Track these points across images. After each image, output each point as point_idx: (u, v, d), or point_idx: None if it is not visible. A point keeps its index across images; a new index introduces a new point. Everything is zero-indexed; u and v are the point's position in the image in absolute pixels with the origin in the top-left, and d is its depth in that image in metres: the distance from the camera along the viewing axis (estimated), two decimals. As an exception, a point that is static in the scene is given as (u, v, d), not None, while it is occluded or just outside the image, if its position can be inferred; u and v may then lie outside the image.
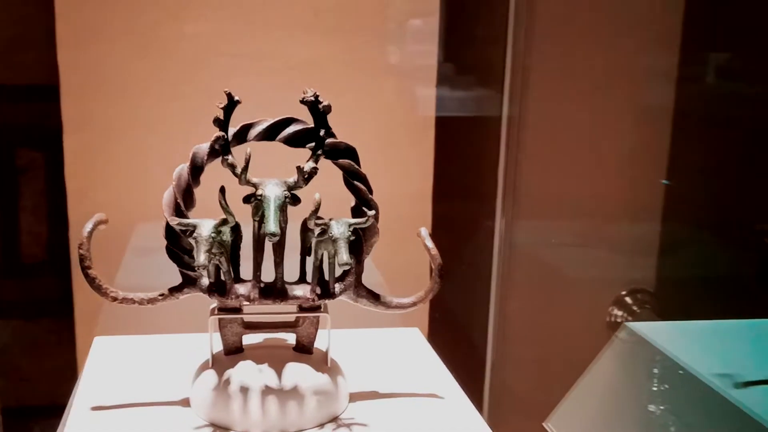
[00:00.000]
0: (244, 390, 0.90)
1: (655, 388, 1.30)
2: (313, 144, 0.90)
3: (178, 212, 0.90)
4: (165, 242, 0.91)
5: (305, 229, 0.94)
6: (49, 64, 1.39)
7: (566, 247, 1.86)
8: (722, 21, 1.80)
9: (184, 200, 0.91)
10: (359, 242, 0.93)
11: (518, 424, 1.64)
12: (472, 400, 1.02)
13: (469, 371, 1.14)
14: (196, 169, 0.91)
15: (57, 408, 1.47)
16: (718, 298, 1.78)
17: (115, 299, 0.92)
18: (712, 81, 1.83)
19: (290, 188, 0.87)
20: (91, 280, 0.91)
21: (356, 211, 0.94)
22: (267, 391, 0.90)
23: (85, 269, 0.91)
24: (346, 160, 0.92)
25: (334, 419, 0.94)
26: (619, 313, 1.90)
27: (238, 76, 1.43)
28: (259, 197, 0.86)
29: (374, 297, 0.96)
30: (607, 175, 1.82)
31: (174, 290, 0.93)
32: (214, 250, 0.86)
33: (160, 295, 0.93)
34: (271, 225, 0.83)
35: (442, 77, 1.52)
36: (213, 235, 0.86)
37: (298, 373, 0.93)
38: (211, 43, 1.43)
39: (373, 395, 1.00)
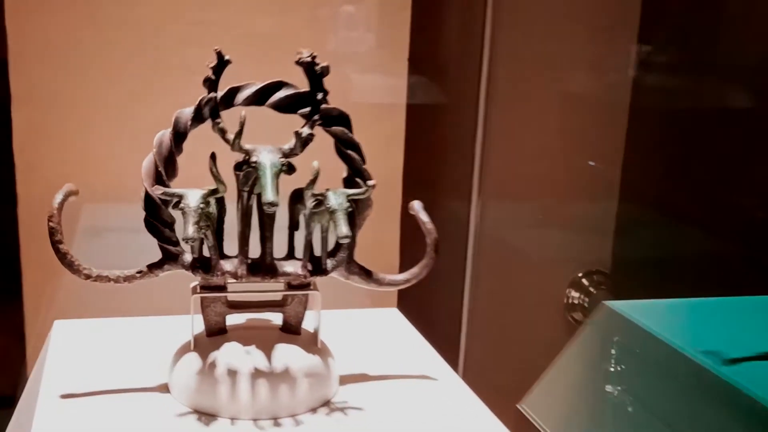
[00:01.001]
0: (232, 373, 0.84)
1: (631, 369, 1.29)
2: (307, 110, 0.85)
3: (160, 181, 0.83)
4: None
5: (294, 201, 0.88)
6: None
7: (526, 230, 1.84)
8: (678, 13, 1.81)
9: (166, 169, 0.84)
10: (352, 215, 0.88)
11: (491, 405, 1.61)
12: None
13: (443, 348, 1.11)
14: (179, 135, 0.84)
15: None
16: (672, 279, 1.79)
17: (88, 277, 0.84)
18: (666, 70, 1.84)
19: (285, 155, 0.81)
20: (63, 256, 0.83)
21: (348, 182, 0.89)
22: (256, 374, 0.84)
23: (55, 244, 0.83)
24: (339, 128, 0.87)
25: (326, 403, 0.88)
26: (576, 294, 1.89)
27: (196, 46, 1.35)
28: (253, 164, 0.79)
29: (367, 274, 0.91)
30: (566, 158, 1.82)
31: (153, 267, 0.85)
32: (201, 223, 0.80)
33: (137, 273, 0.85)
34: (270, 193, 0.77)
35: (413, 63, 1.47)
36: (201, 205, 0.80)
37: (288, 354, 0.87)
38: (168, 11, 1.35)
39: (364, 378, 0.95)
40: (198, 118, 0.84)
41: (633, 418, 1.33)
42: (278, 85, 0.86)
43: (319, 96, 0.82)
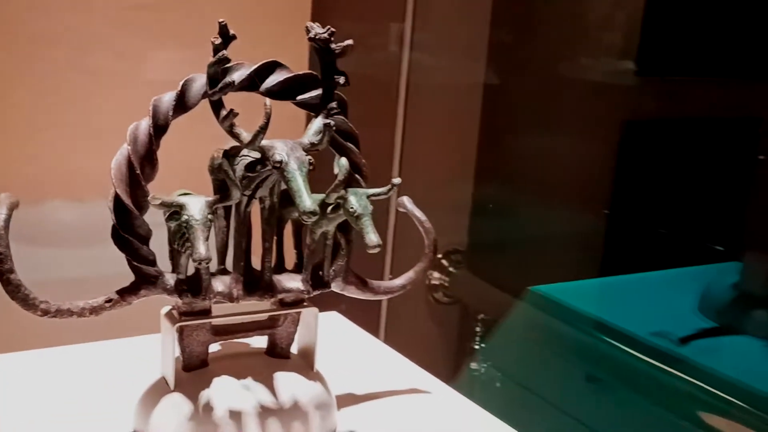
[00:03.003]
0: (235, 415, 0.70)
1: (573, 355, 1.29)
2: (309, 96, 0.72)
3: (135, 185, 0.66)
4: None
5: (285, 204, 0.75)
6: None
7: (384, 213, 1.78)
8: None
9: (143, 169, 0.67)
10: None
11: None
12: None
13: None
14: (159, 129, 0.67)
15: None
16: (531, 258, 1.84)
17: (46, 312, 0.65)
18: (518, 62, 1.86)
19: (305, 151, 0.68)
20: (15, 289, 0.63)
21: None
22: (264, 412, 0.71)
23: (4, 274, 0.63)
24: (339, 117, 0.74)
25: (335, 435, 0.77)
26: (437, 275, 1.87)
27: (73, 12, 1.13)
28: (277, 165, 0.65)
29: (363, 283, 0.80)
30: (426, 140, 1.78)
31: (126, 293, 0.68)
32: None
33: (106, 302, 0.68)
34: (308, 201, 0.63)
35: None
36: (210, 216, 0.64)
37: (290, 384, 0.74)
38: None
39: (353, 399, 0.84)
40: (181, 106, 0.68)
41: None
42: (271, 67, 0.72)
43: (341, 80, 0.69)
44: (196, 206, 0.64)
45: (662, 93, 1.77)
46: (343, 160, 0.69)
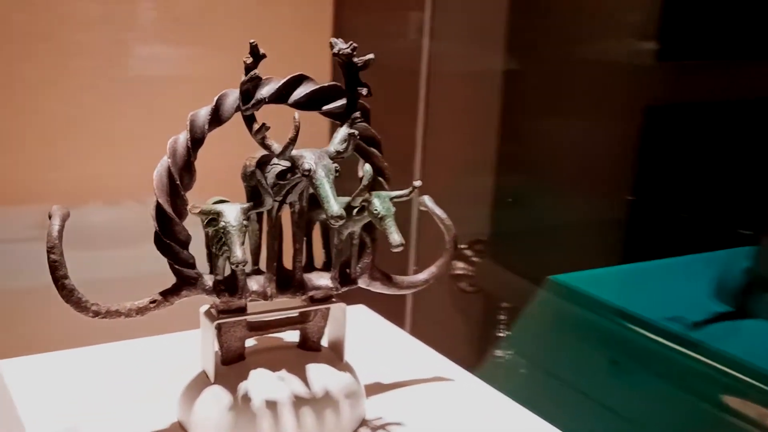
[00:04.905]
0: (271, 404, 0.75)
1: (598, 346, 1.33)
2: (333, 106, 0.77)
3: (175, 194, 0.72)
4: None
5: (313, 207, 0.80)
6: None
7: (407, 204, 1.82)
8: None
9: (182, 179, 0.72)
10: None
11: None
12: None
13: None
14: (196, 141, 0.73)
15: None
16: (552, 245, 1.87)
17: (97, 314, 0.71)
18: (537, 48, 1.89)
19: (332, 159, 0.73)
20: (69, 293, 0.69)
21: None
22: (298, 402, 0.76)
23: (60, 279, 0.69)
24: (362, 123, 0.79)
25: (364, 423, 0.82)
26: (461, 265, 1.92)
27: (108, 25, 1.19)
28: (306, 173, 0.70)
29: (388, 278, 0.85)
30: (447, 130, 1.82)
31: (169, 294, 0.74)
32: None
33: (151, 302, 0.73)
34: (335, 206, 0.68)
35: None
36: (245, 222, 0.70)
37: (321, 375, 0.79)
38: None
39: (381, 388, 0.89)
40: (216, 120, 0.73)
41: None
42: (298, 80, 0.77)
43: (364, 92, 0.74)
44: (231, 213, 0.70)
45: (685, 77, 1.79)
46: (368, 167, 0.74)
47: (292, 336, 0.84)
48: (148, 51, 1.18)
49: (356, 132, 0.73)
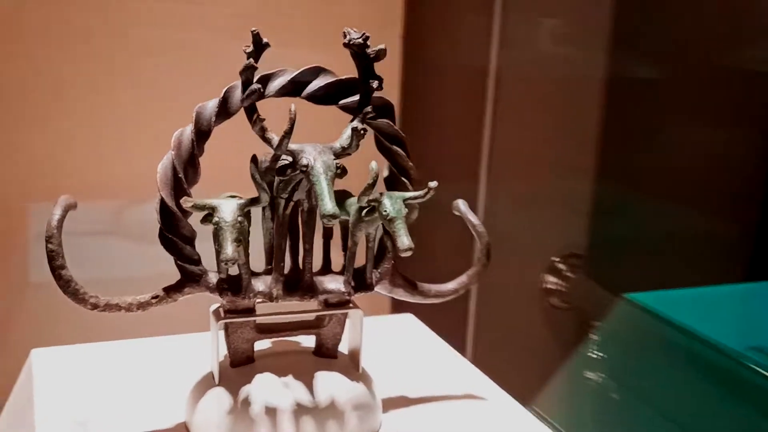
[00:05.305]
0: (271, 411, 0.72)
1: (666, 369, 1.23)
2: (350, 100, 0.73)
3: (179, 189, 0.70)
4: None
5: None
6: None
7: (501, 213, 1.76)
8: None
9: (186, 173, 0.70)
10: (396, 221, 0.76)
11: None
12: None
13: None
14: (202, 134, 0.70)
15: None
16: (653, 261, 1.75)
17: (95, 306, 0.70)
18: (645, 43, 1.78)
19: (337, 156, 0.69)
20: (66, 284, 0.68)
21: (390, 182, 0.77)
22: (299, 410, 0.73)
23: (57, 269, 0.68)
24: (384, 120, 0.75)
25: (375, 436, 0.78)
26: (553, 279, 1.83)
27: (173, 25, 1.19)
28: (304, 168, 0.67)
29: (412, 286, 0.80)
30: (540, 135, 1.74)
31: (171, 290, 0.72)
32: (240, 238, 0.67)
33: (153, 298, 0.72)
34: (329, 204, 0.65)
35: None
36: (240, 219, 0.67)
37: (330, 383, 0.75)
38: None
39: (404, 401, 0.84)
40: (224, 112, 0.70)
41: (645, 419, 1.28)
42: (314, 72, 0.73)
43: (375, 84, 0.70)
44: (227, 209, 0.67)
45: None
46: (373, 164, 0.70)
47: (310, 341, 0.80)
48: (215, 49, 1.17)
49: (360, 127, 0.69)
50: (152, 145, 0.74)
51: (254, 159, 0.68)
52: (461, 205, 0.83)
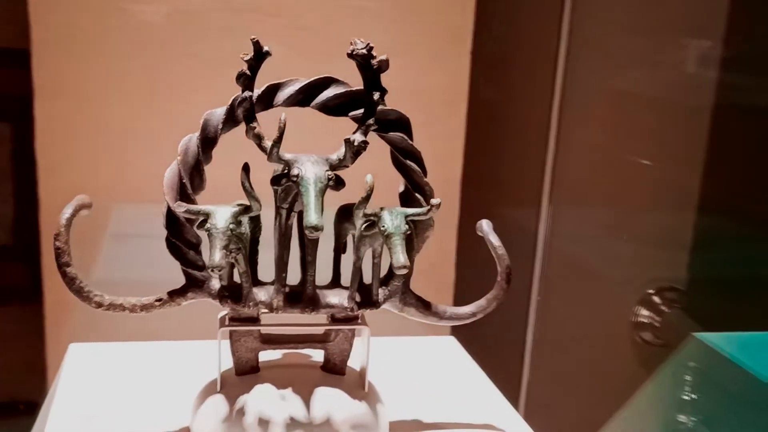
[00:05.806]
0: (263, 423, 0.71)
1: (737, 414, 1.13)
2: (359, 111, 0.71)
3: (184, 195, 0.70)
4: (165, 232, 0.72)
5: (342, 220, 0.75)
6: (19, 24, 1.17)
7: (592, 241, 1.69)
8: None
9: (192, 181, 0.71)
10: (410, 238, 0.74)
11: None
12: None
13: (502, 381, 0.97)
14: (208, 141, 0.71)
15: (16, 406, 1.27)
16: (758, 300, 1.63)
17: (99, 305, 0.72)
18: (752, 70, 1.67)
19: (333, 167, 0.68)
20: (70, 281, 0.71)
21: (405, 198, 0.75)
22: (293, 424, 0.71)
23: (62, 267, 0.70)
24: (397, 134, 0.73)
25: (374, 459, 0.75)
26: (646, 312, 1.73)
27: (237, 36, 1.22)
28: (294, 178, 0.66)
29: (425, 306, 0.77)
30: (639, 163, 1.66)
31: (175, 294, 0.73)
32: (231, 246, 0.67)
33: (156, 301, 0.73)
34: (313, 216, 0.64)
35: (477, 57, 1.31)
36: (231, 226, 0.67)
37: (330, 400, 0.74)
38: (204, -1, 1.23)
39: (416, 426, 0.81)
40: (231, 120, 0.71)
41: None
42: (326, 82, 0.72)
43: (376, 96, 0.68)
44: (221, 216, 0.67)
45: None
46: (369, 177, 0.68)
47: (321, 356, 0.79)
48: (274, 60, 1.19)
49: (357, 139, 0.68)
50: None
51: (246, 167, 0.68)
52: (485, 225, 0.79)
